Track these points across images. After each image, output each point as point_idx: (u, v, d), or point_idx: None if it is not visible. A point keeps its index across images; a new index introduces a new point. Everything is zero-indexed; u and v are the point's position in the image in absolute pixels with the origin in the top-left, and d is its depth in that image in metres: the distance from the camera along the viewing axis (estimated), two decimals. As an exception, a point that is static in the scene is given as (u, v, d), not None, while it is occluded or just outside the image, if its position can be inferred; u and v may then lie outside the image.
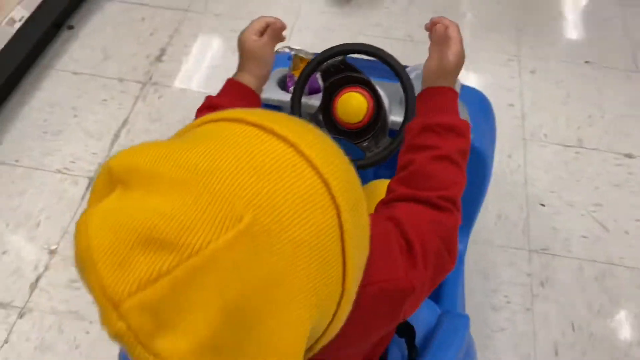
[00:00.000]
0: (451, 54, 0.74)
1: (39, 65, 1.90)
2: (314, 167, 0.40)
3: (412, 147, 0.70)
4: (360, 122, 0.98)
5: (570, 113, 1.84)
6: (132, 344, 0.34)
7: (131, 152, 0.40)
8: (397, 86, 0.96)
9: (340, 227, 0.41)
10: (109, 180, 0.40)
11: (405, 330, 0.78)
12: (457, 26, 0.76)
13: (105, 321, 0.35)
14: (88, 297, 1.22)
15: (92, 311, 1.37)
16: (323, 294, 0.40)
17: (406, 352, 0.80)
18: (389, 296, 0.56)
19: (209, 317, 0.34)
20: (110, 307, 0.34)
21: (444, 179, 0.66)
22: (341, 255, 0.41)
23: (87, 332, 1.34)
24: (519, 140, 1.76)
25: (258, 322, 0.36)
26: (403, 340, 0.79)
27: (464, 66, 1.23)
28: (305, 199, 0.39)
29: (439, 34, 0.76)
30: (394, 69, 0.93)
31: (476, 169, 1.13)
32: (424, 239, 0.60)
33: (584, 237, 1.55)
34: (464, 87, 1.24)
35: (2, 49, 1.64)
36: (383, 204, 0.68)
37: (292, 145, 0.40)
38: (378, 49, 0.94)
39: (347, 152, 0.46)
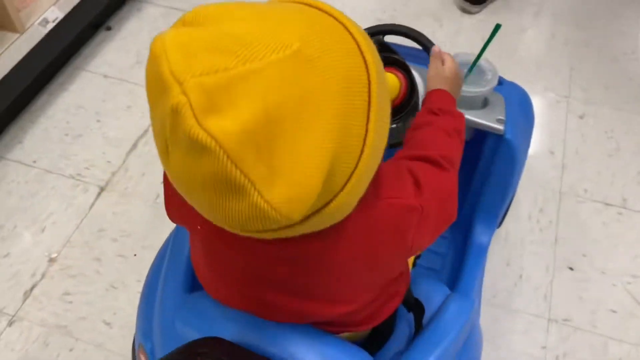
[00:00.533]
0: (446, 67, 0.88)
1: (71, 65, 1.91)
2: (354, 38, 0.50)
3: (414, 126, 0.81)
4: (391, 102, 0.98)
5: (617, 168, 1.67)
6: (188, 116, 0.41)
7: (202, 5, 0.47)
8: None
9: (369, 87, 0.49)
10: (181, 26, 0.47)
11: (415, 306, 0.86)
12: (449, 54, 0.92)
13: (169, 96, 0.41)
14: (78, 313, 1.20)
15: (80, 328, 1.34)
16: (345, 134, 0.47)
17: (413, 330, 0.87)
18: (397, 211, 0.62)
19: (253, 112, 0.41)
20: (175, 83, 0.41)
21: (442, 143, 0.76)
22: (366, 111, 0.49)
23: (71, 350, 1.31)
24: (555, 193, 1.61)
25: (289, 130, 0.43)
26: (411, 317, 0.87)
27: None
28: (344, 51, 0.48)
29: (435, 52, 0.92)
30: (429, 53, 0.95)
31: (505, 160, 1.15)
32: (429, 184, 0.67)
33: (613, 311, 1.39)
34: (505, 82, 1.21)
35: (31, 50, 1.65)
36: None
37: (338, 20, 0.51)
38: (415, 30, 0.96)
39: None
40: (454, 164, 0.75)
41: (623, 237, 1.53)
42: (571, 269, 1.47)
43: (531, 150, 1.43)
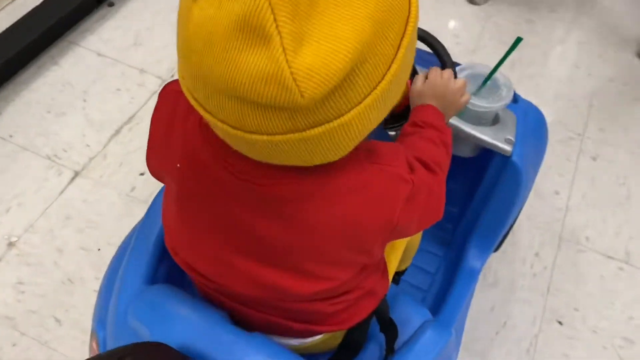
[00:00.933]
0: (428, 83, 0.86)
1: (65, 38, 1.82)
2: None
3: (401, 138, 0.81)
4: (396, 106, 0.95)
5: (625, 218, 1.55)
6: None
7: None
8: None
9: (407, 20, 0.50)
10: None
11: (389, 326, 0.84)
12: (436, 69, 0.88)
13: None
14: (28, 305, 1.05)
15: (28, 322, 1.26)
16: (380, 35, 0.47)
17: (384, 352, 0.84)
18: (388, 177, 0.63)
19: None
20: None
21: (430, 149, 0.75)
22: (401, 34, 0.49)
23: (14, 345, 1.23)
24: (554, 237, 1.50)
25: (333, 2, 0.44)
26: (383, 339, 0.84)
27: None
28: None
29: (419, 74, 0.90)
30: (442, 60, 0.92)
31: (510, 184, 1.09)
32: (420, 177, 0.67)
33: (600, 376, 1.29)
34: (521, 100, 1.13)
35: (22, 18, 1.57)
36: None
37: None
38: (429, 34, 0.93)
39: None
40: (443, 170, 0.75)
41: (621, 294, 1.41)
42: (560, 323, 1.36)
43: (535, 187, 1.32)
